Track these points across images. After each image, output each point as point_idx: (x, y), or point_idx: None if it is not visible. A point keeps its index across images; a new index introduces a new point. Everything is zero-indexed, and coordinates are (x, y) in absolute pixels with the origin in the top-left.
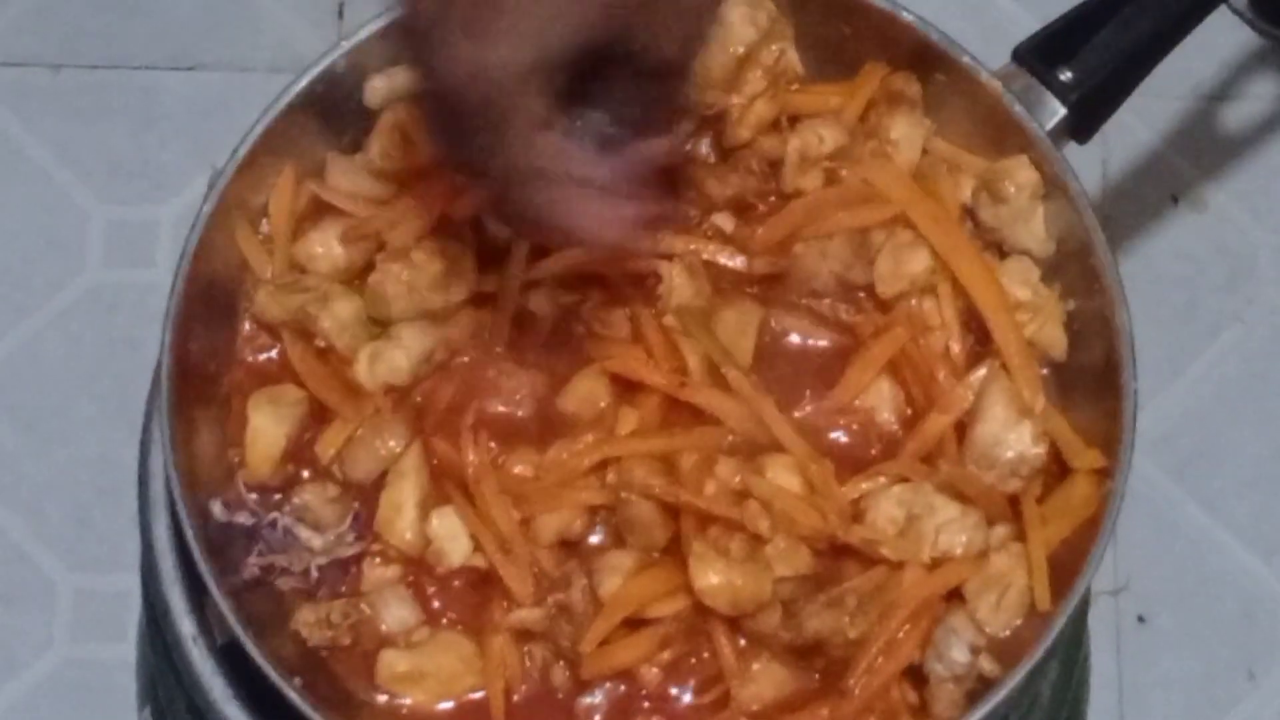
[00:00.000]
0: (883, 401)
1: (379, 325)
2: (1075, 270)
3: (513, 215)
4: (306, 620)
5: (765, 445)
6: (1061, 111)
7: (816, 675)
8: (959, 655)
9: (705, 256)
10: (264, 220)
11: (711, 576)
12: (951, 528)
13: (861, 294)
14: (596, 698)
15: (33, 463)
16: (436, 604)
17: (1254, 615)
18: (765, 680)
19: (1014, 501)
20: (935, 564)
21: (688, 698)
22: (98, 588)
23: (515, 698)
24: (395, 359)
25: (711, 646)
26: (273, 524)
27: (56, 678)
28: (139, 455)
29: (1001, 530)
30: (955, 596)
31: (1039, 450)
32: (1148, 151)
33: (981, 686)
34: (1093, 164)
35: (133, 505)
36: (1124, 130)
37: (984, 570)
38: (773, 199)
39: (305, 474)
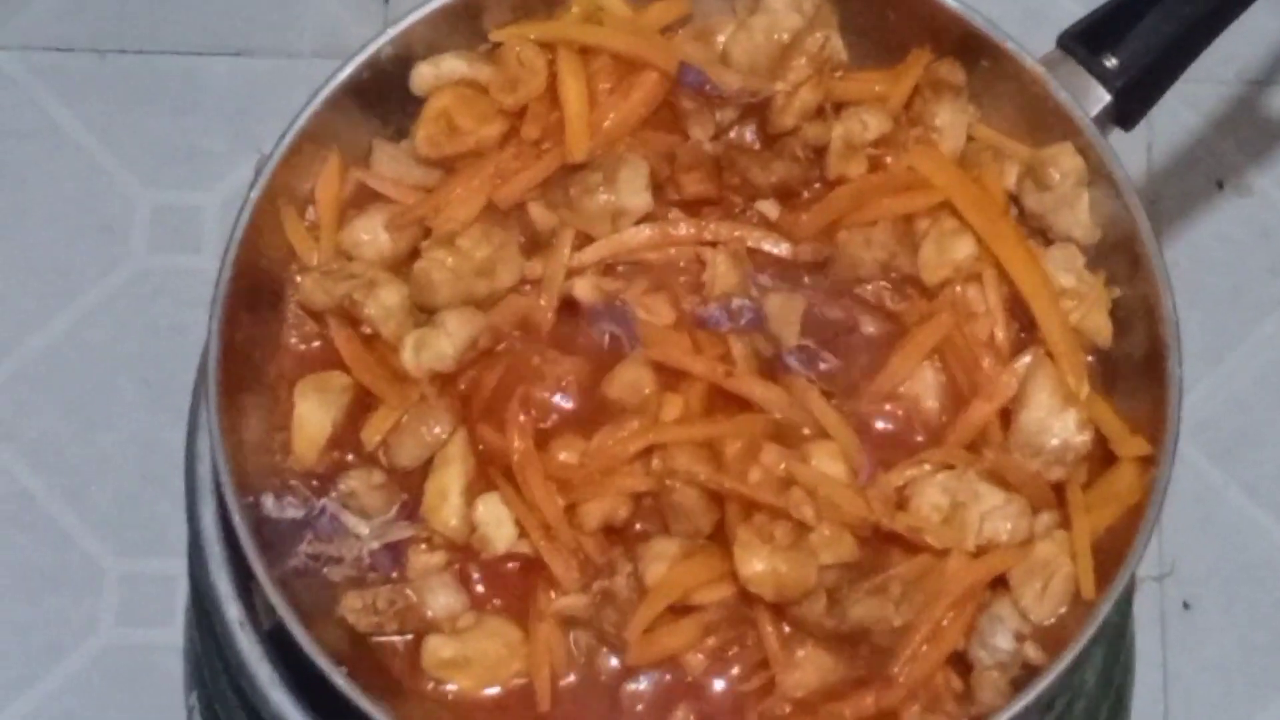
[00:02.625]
0: (927, 388)
1: (424, 312)
2: (1120, 257)
3: None
4: (353, 606)
5: (810, 432)
6: (1106, 98)
7: (861, 662)
8: (1004, 643)
9: (749, 243)
10: (310, 207)
11: (756, 564)
12: (996, 515)
13: (906, 281)
14: (641, 684)
15: (78, 447)
16: (482, 590)
17: None
18: (810, 667)
19: (1059, 489)
20: (980, 551)
21: (733, 685)
22: (144, 572)
23: (560, 684)
24: (440, 346)
25: (756, 633)
26: (321, 512)
27: (103, 661)
28: (186, 441)
29: (1046, 518)
30: (1000, 584)
31: (1084, 437)
32: (1193, 136)
33: (1026, 674)
34: (1137, 149)
35: (178, 489)
36: (1169, 115)
37: (1028, 558)
38: (817, 186)
39: (351, 460)
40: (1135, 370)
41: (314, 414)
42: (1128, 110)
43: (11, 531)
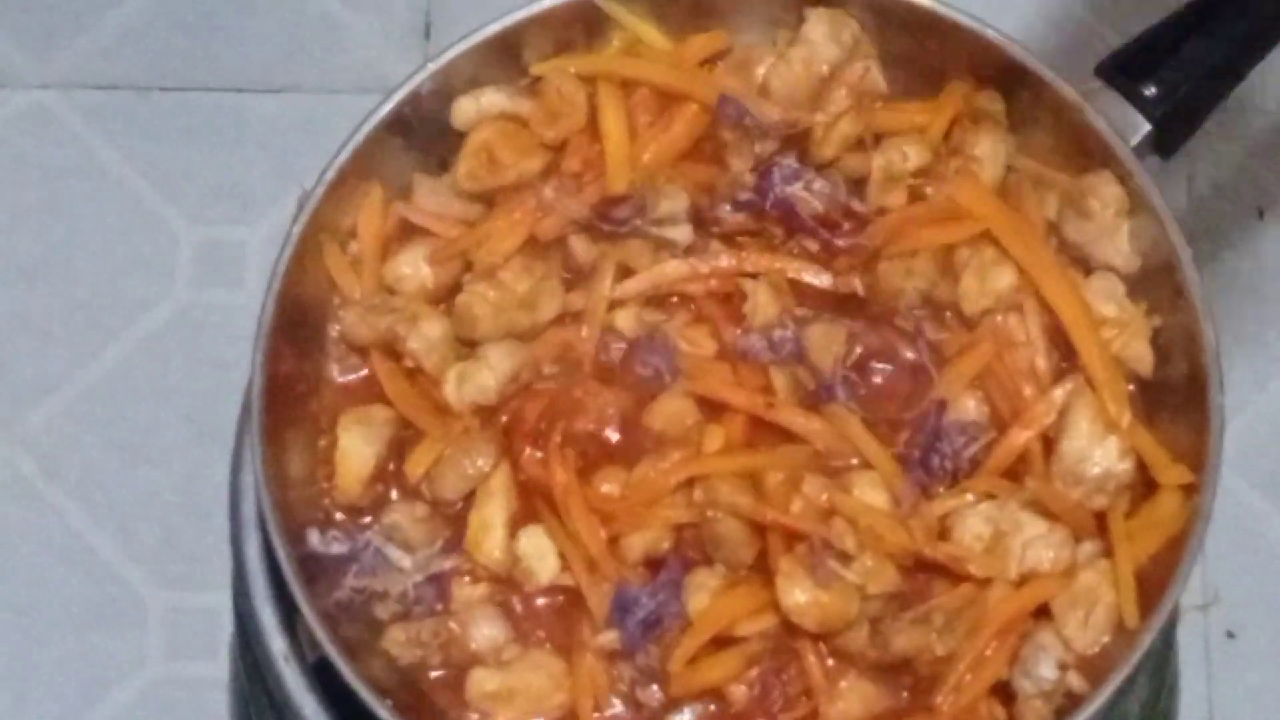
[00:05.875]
0: (968, 418)
1: (467, 345)
2: (1161, 286)
3: None
4: (397, 639)
5: (852, 463)
6: (1146, 127)
7: (905, 692)
8: (1047, 672)
9: (790, 274)
10: (352, 242)
11: (799, 594)
12: (1038, 544)
13: (946, 311)
14: (685, 716)
15: (123, 483)
16: (525, 622)
17: None
18: (853, 697)
19: (1101, 518)
20: (1022, 580)
21: (776, 716)
22: (189, 606)
23: (604, 715)
24: (483, 379)
25: (799, 664)
26: (366, 545)
27: (149, 696)
28: (230, 475)
29: (1089, 547)
30: (1043, 613)
31: (1126, 466)
32: (1233, 165)
33: (1070, 703)
34: (1178, 178)
35: (222, 523)
36: (1209, 144)
37: (1071, 587)
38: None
39: (394, 494)
40: (1177, 398)
41: (357, 448)
42: (1168, 139)
43: (57, 567)
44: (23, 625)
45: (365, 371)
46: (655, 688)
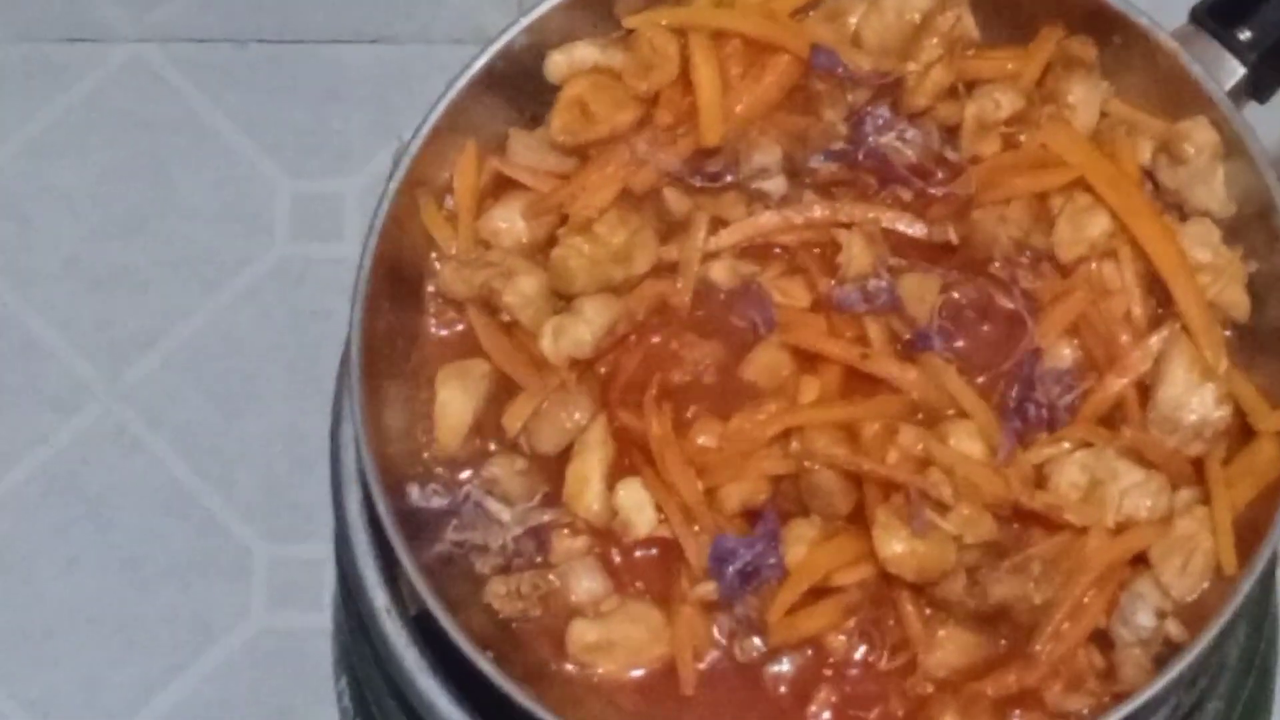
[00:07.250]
0: (1064, 366)
1: (562, 299)
2: (1257, 231)
3: None
4: (497, 592)
5: (948, 412)
6: (1241, 71)
7: (1003, 641)
8: (1145, 620)
9: (884, 224)
10: (448, 196)
11: (896, 545)
12: (1135, 492)
13: (1041, 259)
14: (784, 666)
15: (225, 434)
16: (624, 574)
17: None
18: (951, 646)
19: (1198, 464)
20: (1119, 529)
21: (875, 665)
22: (293, 557)
23: (703, 666)
24: (579, 332)
25: (897, 614)
26: (465, 499)
27: (254, 646)
28: (330, 429)
29: (1186, 494)
30: (1140, 561)
31: (1222, 413)
32: None
33: (1169, 651)
34: (1273, 121)
35: (324, 474)
36: None
37: (1169, 534)
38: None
39: (493, 448)
40: (1274, 344)
41: (455, 401)
42: (1263, 83)
43: (161, 519)
44: (129, 577)
45: (462, 326)
46: (754, 638)
